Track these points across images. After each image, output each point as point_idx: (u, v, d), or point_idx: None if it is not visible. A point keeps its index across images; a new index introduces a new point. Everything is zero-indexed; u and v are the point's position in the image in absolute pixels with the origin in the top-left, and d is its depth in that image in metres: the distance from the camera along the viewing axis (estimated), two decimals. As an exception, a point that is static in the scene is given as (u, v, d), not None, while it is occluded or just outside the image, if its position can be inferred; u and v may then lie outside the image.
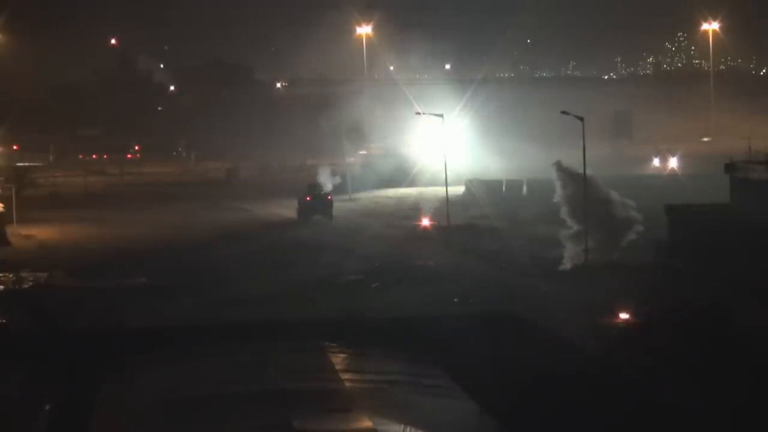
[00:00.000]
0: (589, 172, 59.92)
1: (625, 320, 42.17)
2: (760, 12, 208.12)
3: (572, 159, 62.92)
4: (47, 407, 27.38)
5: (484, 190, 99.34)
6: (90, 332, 38.96)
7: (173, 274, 59.42)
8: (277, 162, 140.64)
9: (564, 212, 61.13)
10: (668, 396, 29.88)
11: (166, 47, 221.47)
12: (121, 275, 59.38)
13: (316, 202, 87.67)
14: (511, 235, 71.75)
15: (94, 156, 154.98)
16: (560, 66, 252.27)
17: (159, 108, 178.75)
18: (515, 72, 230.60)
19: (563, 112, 67.86)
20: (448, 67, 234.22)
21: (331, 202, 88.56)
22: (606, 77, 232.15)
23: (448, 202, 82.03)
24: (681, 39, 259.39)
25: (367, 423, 23.57)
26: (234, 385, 26.85)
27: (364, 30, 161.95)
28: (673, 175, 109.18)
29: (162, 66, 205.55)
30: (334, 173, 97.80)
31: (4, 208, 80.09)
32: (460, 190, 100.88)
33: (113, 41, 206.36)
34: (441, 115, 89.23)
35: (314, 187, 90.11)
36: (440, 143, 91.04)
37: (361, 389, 27.17)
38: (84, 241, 76.66)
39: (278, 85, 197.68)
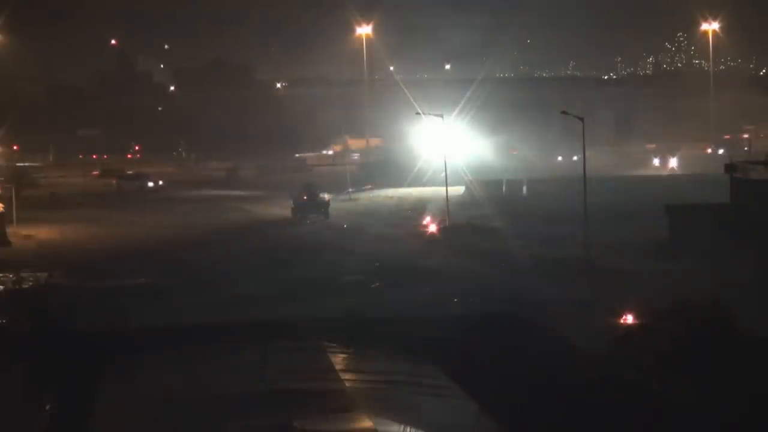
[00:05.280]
0: None
1: (626, 320, 42.16)
2: (760, 12, 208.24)
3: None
4: (47, 407, 27.33)
5: (484, 190, 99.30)
6: (90, 332, 38.88)
7: (173, 274, 59.42)
8: (277, 162, 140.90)
9: None
10: (668, 396, 29.88)
11: (166, 47, 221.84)
12: (121, 275, 59.37)
13: (312, 202, 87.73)
14: (511, 235, 71.72)
15: (94, 156, 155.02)
16: (560, 66, 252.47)
17: (159, 108, 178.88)
18: (515, 72, 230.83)
19: (563, 112, 67.87)
20: (448, 67, 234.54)
21: (327, 202, 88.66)
22: (606, 77, 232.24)
23: (448, 202, 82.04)
24: (681, 39, 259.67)
25: (367, 423, 23.50)
26: (234, 385, 26.79)
27: (364, 30, 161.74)
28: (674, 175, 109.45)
29: (162, 66, 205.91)
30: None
31: (4, 208, 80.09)
32: (460, 190, 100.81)
33: (113, 41, 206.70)
34: (441, 115, 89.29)
35: (310, 187, 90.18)
36: (440, 143, 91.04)
37: (361, 389, 27.10)
38: (84, 241, 76.65)
39: (278, 85, 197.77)
